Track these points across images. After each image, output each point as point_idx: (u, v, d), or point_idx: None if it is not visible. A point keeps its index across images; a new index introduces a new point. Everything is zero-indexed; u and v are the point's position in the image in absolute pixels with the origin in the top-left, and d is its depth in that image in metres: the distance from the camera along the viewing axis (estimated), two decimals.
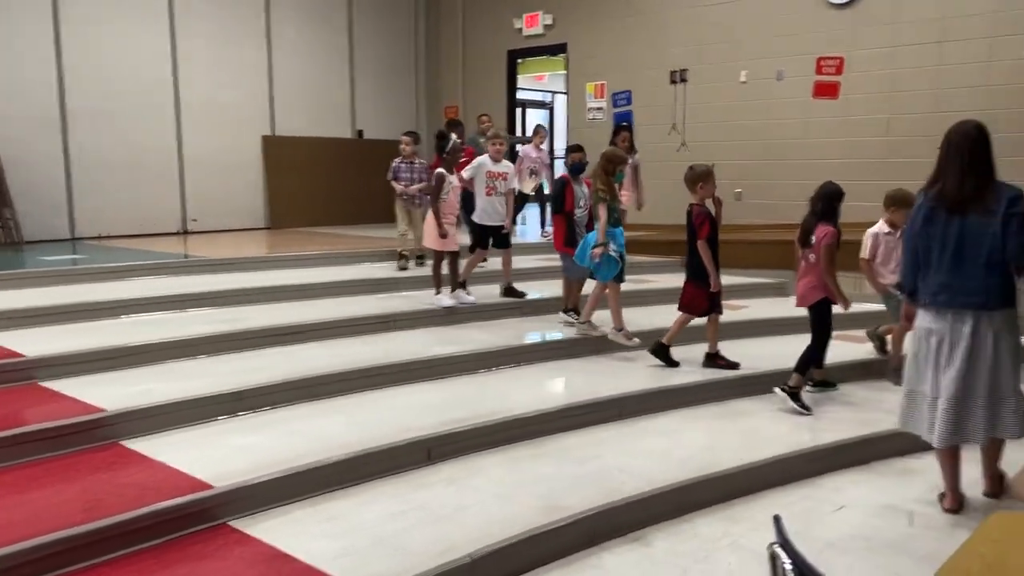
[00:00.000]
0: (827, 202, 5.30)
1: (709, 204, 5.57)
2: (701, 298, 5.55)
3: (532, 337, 5.98)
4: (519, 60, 11.99)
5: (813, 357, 5.19)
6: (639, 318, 6.23)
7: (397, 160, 7.80)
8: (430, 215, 6.46)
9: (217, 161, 10.43)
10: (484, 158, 6.83)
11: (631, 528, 3.59)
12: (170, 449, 3.91)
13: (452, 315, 6.36)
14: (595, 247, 5.67)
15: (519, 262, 7.42)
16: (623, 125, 8.18)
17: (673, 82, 9.78)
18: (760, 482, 4.07)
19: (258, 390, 4.54)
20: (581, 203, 6.37)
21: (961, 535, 2.94)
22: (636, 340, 5.72)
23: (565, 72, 11.21)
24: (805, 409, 4.99)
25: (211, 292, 6.38)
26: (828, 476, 4.25)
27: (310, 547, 3.17)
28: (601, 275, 5.75)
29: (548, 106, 17.37)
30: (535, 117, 16.86)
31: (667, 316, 6.39)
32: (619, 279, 5.79)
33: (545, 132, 10.37)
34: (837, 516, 3.79)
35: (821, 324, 5.22)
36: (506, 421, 4.40)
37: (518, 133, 12.72)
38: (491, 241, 6.92)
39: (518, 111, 12.96)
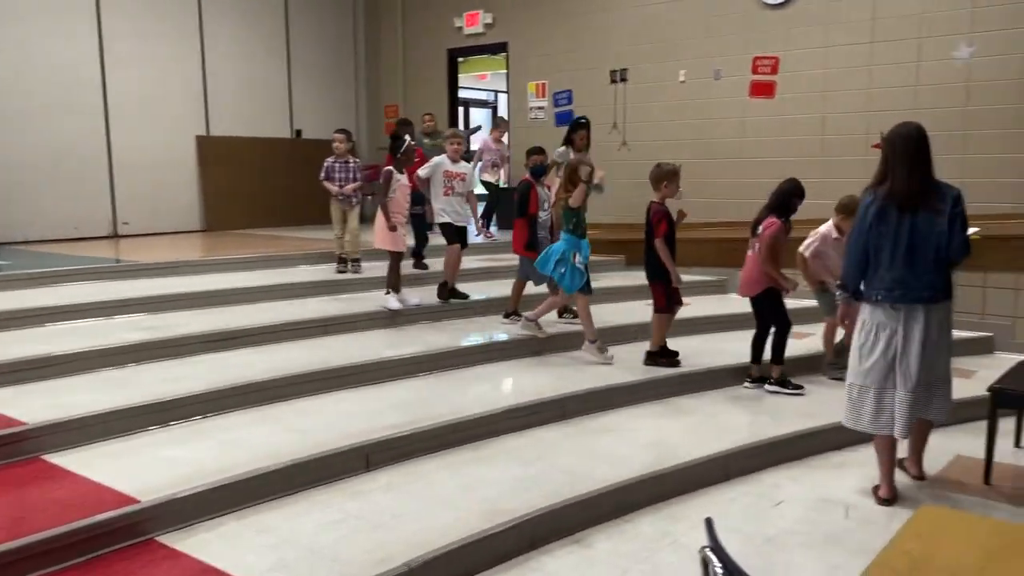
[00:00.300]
0: (782, 197, 5.44)
1: (671, 203, 5.61)
2: (661, 295, 5.59)
3: (475, 339, 5.93)
4: (460, 59, 11.92)
5: (782, 343, 5.39)
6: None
7: (330, 159, 7.61)
8: (379, 215, 6.33)
9: (149, 162, 10.11)
10: (442, 158, 6.67)
11: (573, 530, 3.56)
12: (95, 463, 3.75)
13: (393, 318, 6.26)
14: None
15: (467, 261, 7.21)
16: (580, 122, 7.69)
17: (613, 81, 9.82)
18: (701, 479, 4.09)
19: (189, 399, 4.39)
20: (545, 206, 6.33)
21: (894, 526, 2.98)
22: (611, 355, 5.61)
23: (506, 71, 11.17)
24: (798, 388, 5.30)
25: (143, 298, 6.17)
26: (767, 472, 4.30)
27: (242, 561, 3.07)
28: (567, 286, 5.63)
29: (491, 105, 17.37)
30: (478, 116, 16.85)
31: (612, 314, 6.40)
32: (585, 291, 5.64)
33: (506, 125, 10.28)
34: (776, 511, 3.83)
35: (774, 314, 5.32)
36: (448, 425, 4.34)
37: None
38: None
39: (460, 110, 12.87)
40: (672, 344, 5.70)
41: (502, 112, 15.08)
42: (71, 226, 9.48)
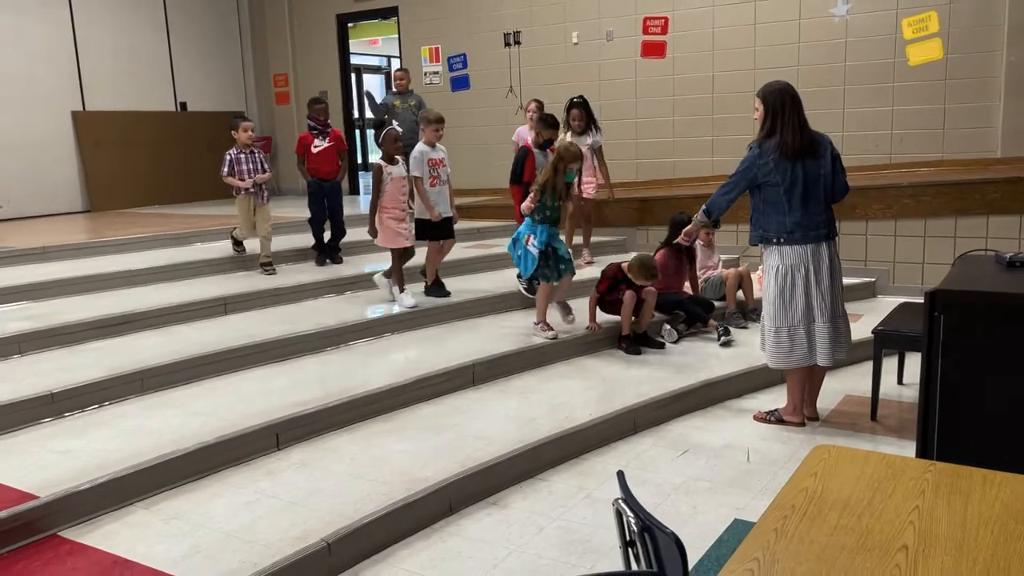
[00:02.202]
0: (673, 229, 5.82)
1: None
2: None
3: (376, 311, 5.86)
4: (350, 24, 11.63)
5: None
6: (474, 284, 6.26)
7: (233, 151, 6.58)
8: (380, 215, 5.82)
9: (21, 141, 9.50)
10: (421, 146, 5.98)
11: (489, 492, 3.61)
12: None
13: (290, 294, 6.12)
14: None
15: (355, 232, 7.11)
16: (576, 101, 7.06)
17: (507, 44, 9.79)
18: (610, 434, 4.20)
19: (82, 388, 4.20)
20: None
21: (793, 467, 3.15)
22: (552, 333, 5.35)
23: (398, 36, 10.96)
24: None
25: (24, 285, 5.84)
26: (673, 422, 4.46)
27: (153, 550, 2.99)
28: (522, 269, 5.45)
29: (384, 71, 17.03)
30: (371, 82, 16.52)
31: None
32: (548, 276, 5.33)
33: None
34: (682, 460, 3.98)
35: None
36: (357, 398, 4.30)
37: (354, 99, 12.34)
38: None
39: (353, 77, 12.57)
40: (581, 305, 5.77)
41: None
42: None
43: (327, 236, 7.12)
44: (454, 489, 3.49)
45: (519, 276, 5.81)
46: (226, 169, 6.55)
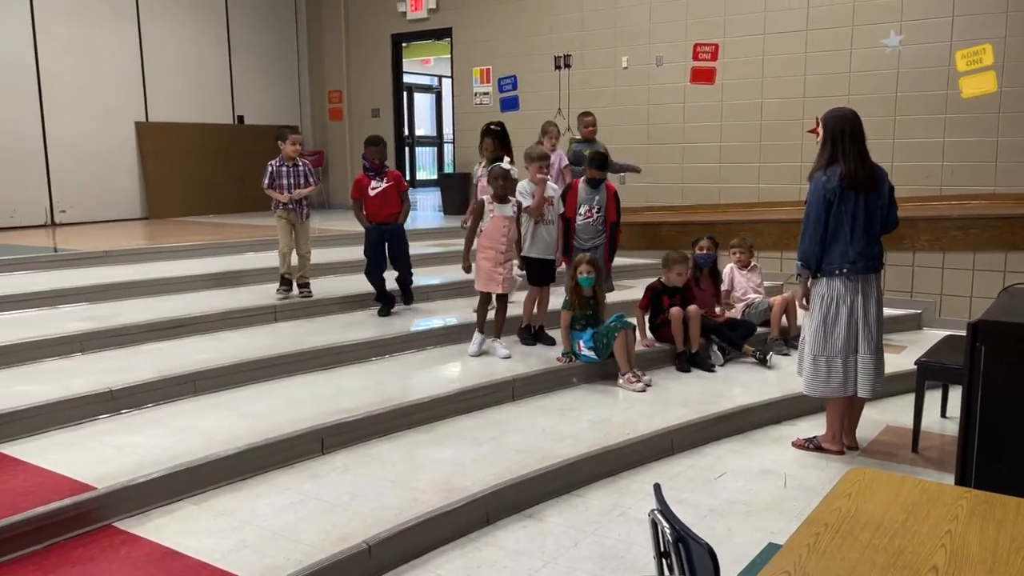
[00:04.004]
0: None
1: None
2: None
3: (423, 325, 5.97)
4: (404, 44, 11.88)
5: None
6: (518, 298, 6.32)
7: (275, 162, 6.21)
8: (479, 258, 5.42)
9: (87, 149, 9.89)
10: (526, 183, 5.71)
11: (525, 505, 3.68)
12: (47, 452, 3.73)
13: (337, 304, 6.26)
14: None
15: (414, 247, 6.92)
16: (493, 128, 6.34)
17: (557, 67, 9.93)
18: (647, 454, 4.24)
19: (139, 387, 4.38)
20: (582, 210, 5.92)
21: None
22: (640, 385, 5.14)
23: (450, 57, 11.18)
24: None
25: (85, 287, 6.08)
26: (711, 445, 4.48)
27: (201, 544, 3.11)
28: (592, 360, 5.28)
29: (435, 90, 17.30)
30: (422, 101, 16.80)
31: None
32: (603, 352, 5.24)
33: (556, 132, 7.50)
34: (719, 483, 4.00)
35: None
36: (400, 408, 4.41)
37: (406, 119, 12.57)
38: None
39: (404, 96, 12.83)
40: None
41: (446, 97, 15.06)
42: (7, 214, 9.24)
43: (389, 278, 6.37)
44: (491, 500, 3.56)
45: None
46: (267, 181, 6.21)
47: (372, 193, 6.12)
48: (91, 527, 3.22)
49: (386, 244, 6.19)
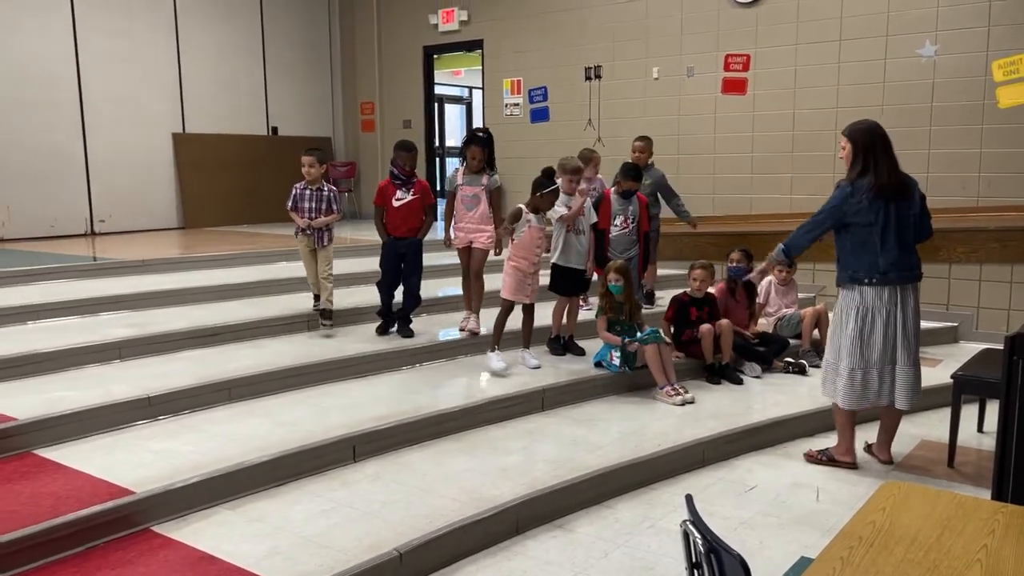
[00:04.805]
0: None
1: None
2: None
3: (453, 334, 6.00)
4: (435, 56, 11.99)
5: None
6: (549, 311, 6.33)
7: (299, 185, 5.88)
8: (508, 266, 5.41)
9: (126, 160, 10.10)
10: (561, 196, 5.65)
11: (555, 516, 3.68)
12: (87, 456, 3.82)
13: (371, 312, 6.29)
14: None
15: (444, 256, 7.06)
16: (480, 135, 5.91)
17: (588, 78, 9.96)
18: (678, 466, 4.22)
19: (176, 393, 4.46)
20: (617, 221, 6.06)
21: None
22: (679, 399, 5.10)
23: (481, 68, 11.26)
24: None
25: (123, 295, 6.20)
26: (741, 458, 4.45)
27: (236, 549, 3.16)
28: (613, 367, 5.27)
29: (466, 101, 17.42)
30: (453, 112, 16.92)
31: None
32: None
33: (597, 159, 7.22)
34: (750, 495, 3.98)
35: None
36: (431, 416, 4.44)
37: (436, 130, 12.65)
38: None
39: (435, 107, 12.92)
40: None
41: (476, 108, 15.14)
42: (48, 224, 9.45)
43: (394, 297, 6.04)
44: (521, 510, 3.58)
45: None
46: (289, 203, 5.92)
47: (396, 204, 5.75)
48: (130, 531, 3.29)
49: (400, 260, 5.87)
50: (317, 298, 6.02)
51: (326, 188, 5.91)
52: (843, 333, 4.13)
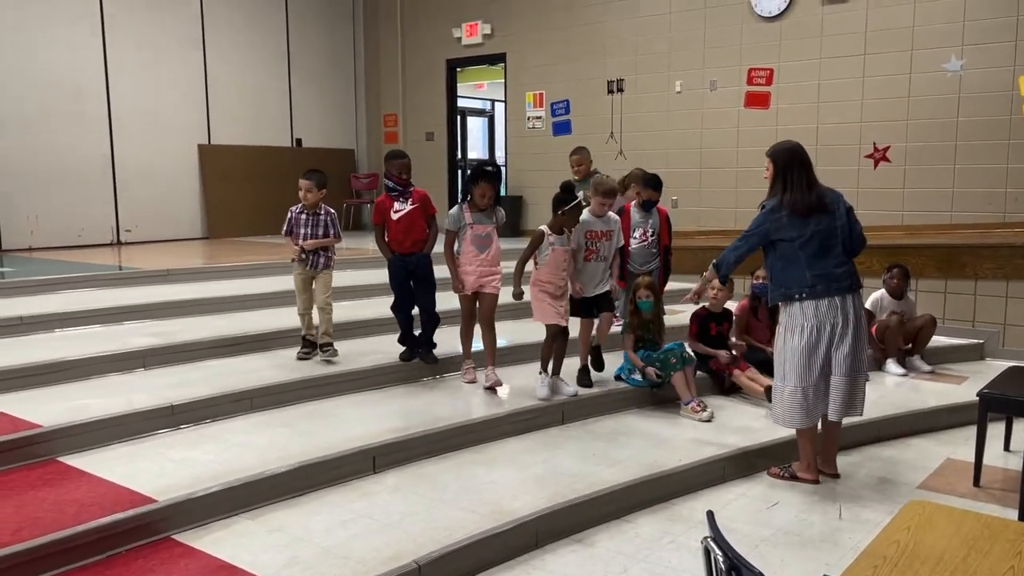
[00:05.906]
0: None
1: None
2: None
3: (474, 346, 5.98)
4: (458, 69, 12.06)
5: None
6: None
7: (295, 209, 5.51)
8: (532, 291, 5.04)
9: (152, 170, 10.24)
10: (585, 214, 5.22)
11: (575, 530, 3.66)
12: (110, 464, 3.85)
13: (391, 323, 6.27)
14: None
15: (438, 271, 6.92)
16: (489, 170, 5.39)
17: (610, 92, 9.97)
18: (698, 482, 4.19)
19: (198, 403, 4.50)
20: (636, 233, 6.00)
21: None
22: (706, 414, 5.06)
23: (504, 81, 11.31)
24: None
25: (147, 304, 6.27)
26: (763, 474, 4.41)
27: (256, 558, 3.17)
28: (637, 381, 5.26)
29: (488, 114, 17.49)
30: (475, 125, 16.98)
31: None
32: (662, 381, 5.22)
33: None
34: (771, 512, 3.94)
35: None
36: (451, 428, 4.44)
37: (459, 141, 12.71)
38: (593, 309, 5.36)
39: (458, 119, 12.98)
40: None
41: (498, 121, 15.18)
42: (75, 233, 9.58)
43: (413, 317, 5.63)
44: (541, 523, 3.56)
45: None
46: (284, 228, 5.54)
47: (395, 217, 5.32)
48: (151, 539, 3.31)
49: (410, 278, 5.44)
50: (307, 343, 5.53)
51: (323, 212, 5.47)
52: (785, 350, 4.13)
